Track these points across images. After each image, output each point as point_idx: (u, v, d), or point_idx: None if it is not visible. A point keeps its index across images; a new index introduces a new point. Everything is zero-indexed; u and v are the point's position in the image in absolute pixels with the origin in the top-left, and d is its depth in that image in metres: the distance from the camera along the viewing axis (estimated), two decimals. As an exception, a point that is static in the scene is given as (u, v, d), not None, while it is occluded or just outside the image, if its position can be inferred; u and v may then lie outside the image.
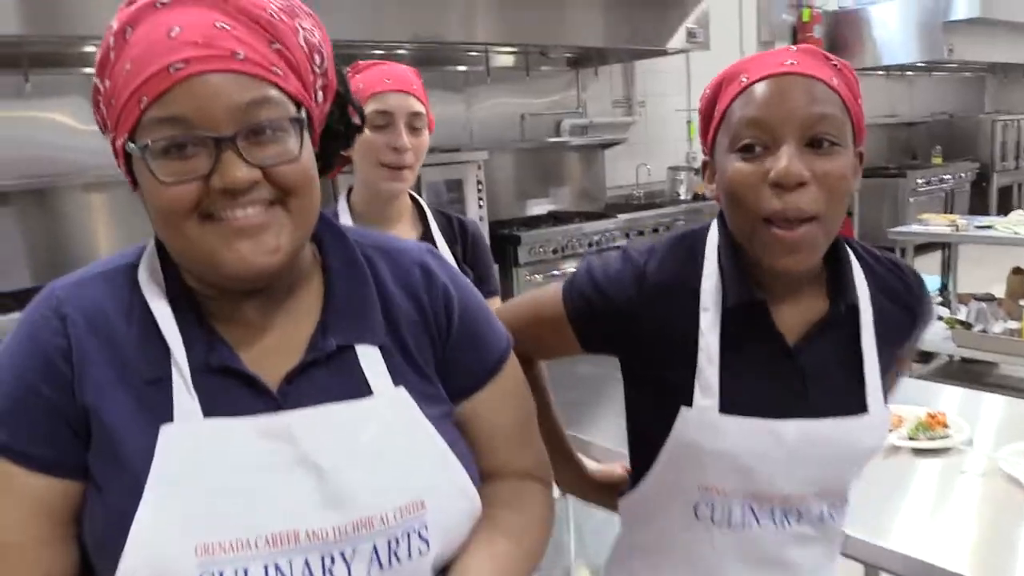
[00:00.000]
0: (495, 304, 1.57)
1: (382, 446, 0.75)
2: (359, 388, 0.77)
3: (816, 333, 0.98)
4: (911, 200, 7.24)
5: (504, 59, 4.75)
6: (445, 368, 0.84)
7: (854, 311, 0.99)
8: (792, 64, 0.90)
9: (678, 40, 4.71)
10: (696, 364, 0.97)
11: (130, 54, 0.67)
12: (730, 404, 0.96)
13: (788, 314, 0.98)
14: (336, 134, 0.82)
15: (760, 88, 0.90)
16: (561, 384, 1.27)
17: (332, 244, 0.83)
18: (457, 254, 1.51)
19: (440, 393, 0.83)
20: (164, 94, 0.66)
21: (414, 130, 1.43)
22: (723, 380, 0.96)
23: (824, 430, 0.97)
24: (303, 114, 0.72)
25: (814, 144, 0.88)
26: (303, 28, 0.73)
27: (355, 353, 0.78)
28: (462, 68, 4.64)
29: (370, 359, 0.78)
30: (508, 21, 3.98)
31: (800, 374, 0.97)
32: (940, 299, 4.60)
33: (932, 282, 4.75)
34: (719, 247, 1.00)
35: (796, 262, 0.91)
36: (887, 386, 1.03)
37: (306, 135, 0.73)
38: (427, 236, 1.49)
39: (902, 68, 7.68)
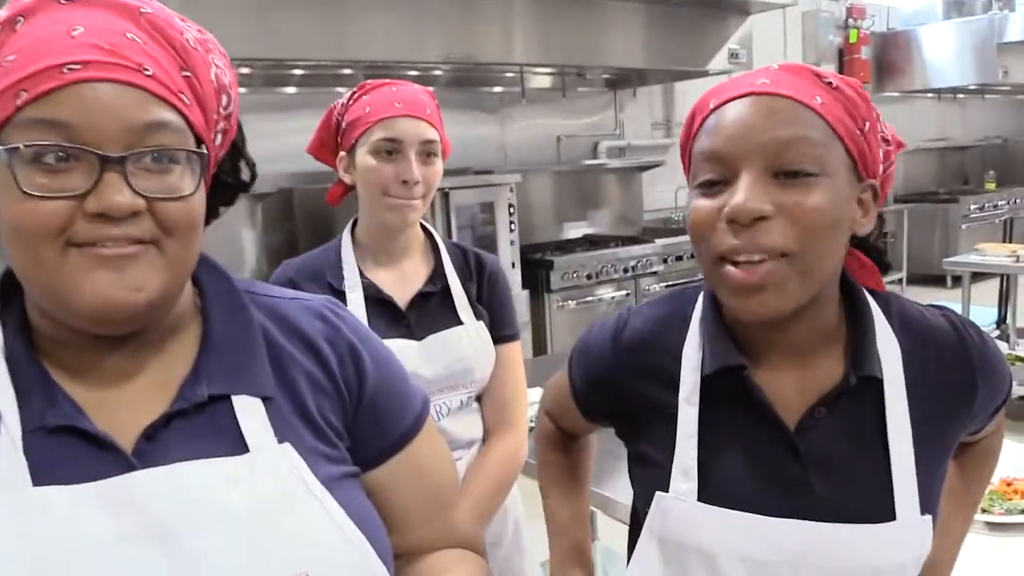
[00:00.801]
0: (516, 350, 1.43)
1: (257, 511, 0.64)
2: (234, 445, 0.66)
3: (824, 411, 0.80)
4: (963, 227, 7.00)
5: (540, 80, 4.66)
6: (352, 433, 0.75)
7: (877, 384, 0.80)
8: (764, 83, 0.76)
9: (720, 61, 4.59)
10: (675, 442, 0.83)
11: (16, 45, 0.58)
12: (710, 492, 0.81)
13: (788, 386, 0.82)
14: (222, 185, 0.73)
15: (721, 114, 0.77)
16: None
17: (213, 286, 0.74)
18: (471, 292, 1.38)
19: (342, 455, 0.73)
20: (49, 94, 0.57)
21: (426, 158, 1.31)
22: (704, 462, 0.82)
23: (835, 538, 0.78)
24: (204, 150, 0.64)
25: (785, 175, 0.73)
26: (216, 64, 0.67)
27: (232, 405, 0.68)
28: (497, 89, 4.55)
29: (249, 411, 0.68)
30: (545, 41, 3.90)
31: (800, 461, 0.80)
32: (997, 333, 4.37)
33: (989, 314, 4.53)
34: (703, 306, 0.86)
35: (760, 305, 0.74)
36: (939, 478, 0.84)
37: (201, 176, 0.64)
38: (439, 272, 1.37)
39: (954, 90, 7.42)
